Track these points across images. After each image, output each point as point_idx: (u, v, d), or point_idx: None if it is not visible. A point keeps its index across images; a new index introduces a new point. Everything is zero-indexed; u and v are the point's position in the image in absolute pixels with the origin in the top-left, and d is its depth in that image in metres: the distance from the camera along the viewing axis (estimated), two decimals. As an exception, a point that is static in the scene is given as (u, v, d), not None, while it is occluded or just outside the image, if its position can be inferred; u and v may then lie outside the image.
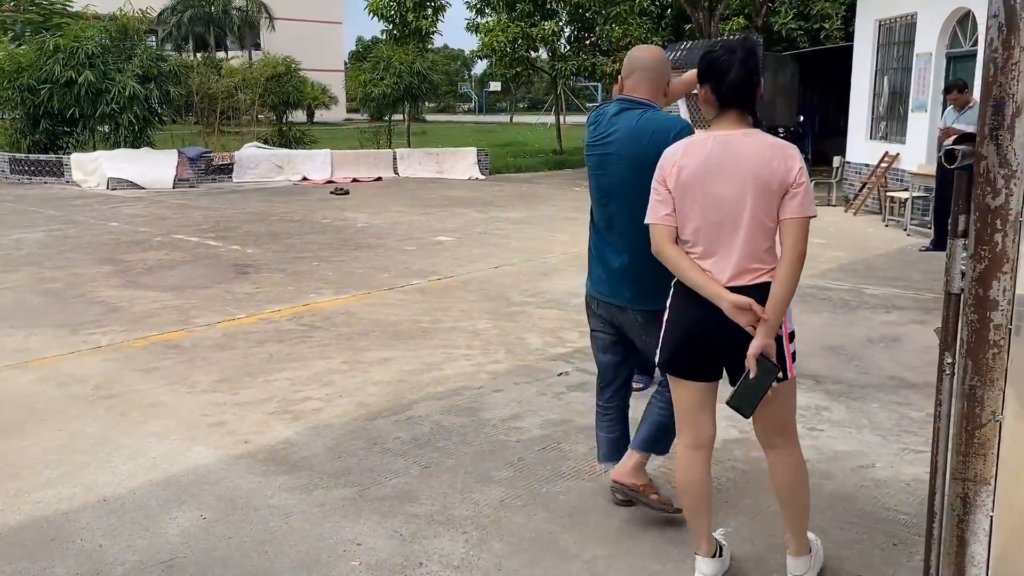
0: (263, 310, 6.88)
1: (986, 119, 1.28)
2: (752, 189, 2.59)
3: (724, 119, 2.69)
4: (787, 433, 2.88)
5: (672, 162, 2.70)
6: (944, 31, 11.64)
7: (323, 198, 15.05)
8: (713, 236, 2.66)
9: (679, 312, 2.77)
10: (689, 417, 2.86)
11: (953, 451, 1.36)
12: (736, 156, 2.62)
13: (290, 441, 4.22)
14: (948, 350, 1.41)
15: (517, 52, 21.65)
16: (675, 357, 2.81)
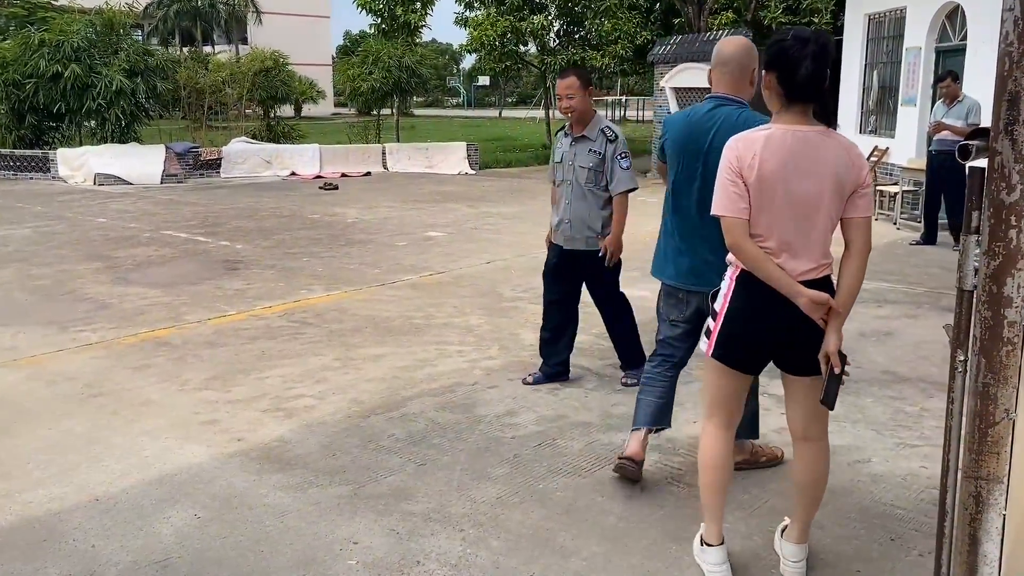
0: (254, 307, 6.83)
1: (1001, 114, 1.27)
2: (830, 188, 2.63)
3: (791, 112, 2.66)
4: (823, 424, 2.93)
5: (752, 153, 2.64)
6: (933, 25, 11.67)
7: (312, 193, 14.98)
8: (787, 231, 2.67)
9: (741, 305, 2.77)
10: (727, 403, 2.94)
11: (965, 449, 1.35)
12: (818, 155, 2.63)
13: (284, 439, 4.19)
14: (960, 347, 1.39)
15: (506, 46, 21.57)
16: (731, 349, 2.82)
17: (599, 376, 5.12)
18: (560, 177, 4.81)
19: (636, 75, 28.48)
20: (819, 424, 2.90)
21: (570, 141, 4.74)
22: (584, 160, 4.68)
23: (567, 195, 4.75)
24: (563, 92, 4.62)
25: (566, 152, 4.75)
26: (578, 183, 4.70)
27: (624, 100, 48.84)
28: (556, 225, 4.85)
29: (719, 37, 16.86)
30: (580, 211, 4.72)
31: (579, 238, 4.77)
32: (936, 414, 4.52)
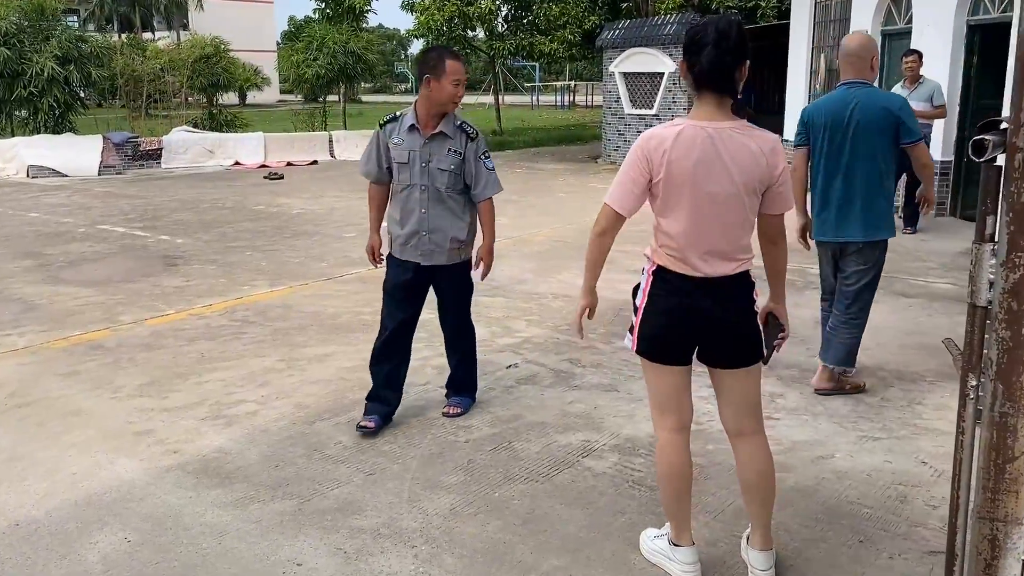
0: (194, 305, 6.53)
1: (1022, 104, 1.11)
2: (743, 187, 2.61)
3: (703, 103, 2.62)
4: (757, 417, 2.87)
5: (662, 151, 2.60)
6: (879, 8, 11.69)
7: (257, 183, 14.57)
8: (700, 230, 2.64)
9: (657, 300, 2.75)
10: (673, 401, 2.83)
11: (979, 487, 1.20)
12: (730, 153, 2.59)
13: (223, 449, 3.94)
14: (972, 371, 1.24)
15: (454, 31, 21.23)
16: (656, 343, 2.77)
17: (555, 373, 4.95)
18: (409, 181, 4.01)
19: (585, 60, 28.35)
20: (753, 418, 2.85)
21: (421, 139, 3.97)
22: (444, 161, 3.98)
23: (421, 202, 4.01)
24: (461, 77, 3.94)
25: (416, 151, 3.98)
26: (435, 188, 3.99)
27: (573, 85, 48.72)
28: (404, 238, 4.06)
29: (667, 21, 16.80)
30: (441, 221, 4.03)
31: (441, 251, 4.07)
32: (896, 404, 4.45)
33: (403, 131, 4.01)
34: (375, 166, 4.14)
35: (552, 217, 10.81)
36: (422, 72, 3.92)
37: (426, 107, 3.96)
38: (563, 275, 7.47)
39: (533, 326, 5.89)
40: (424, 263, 4.08)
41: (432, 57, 3.94)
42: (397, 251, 4.13)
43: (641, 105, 17.12)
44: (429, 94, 3.92)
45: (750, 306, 2.76)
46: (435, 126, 3.97)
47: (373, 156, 4.14)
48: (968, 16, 10.07)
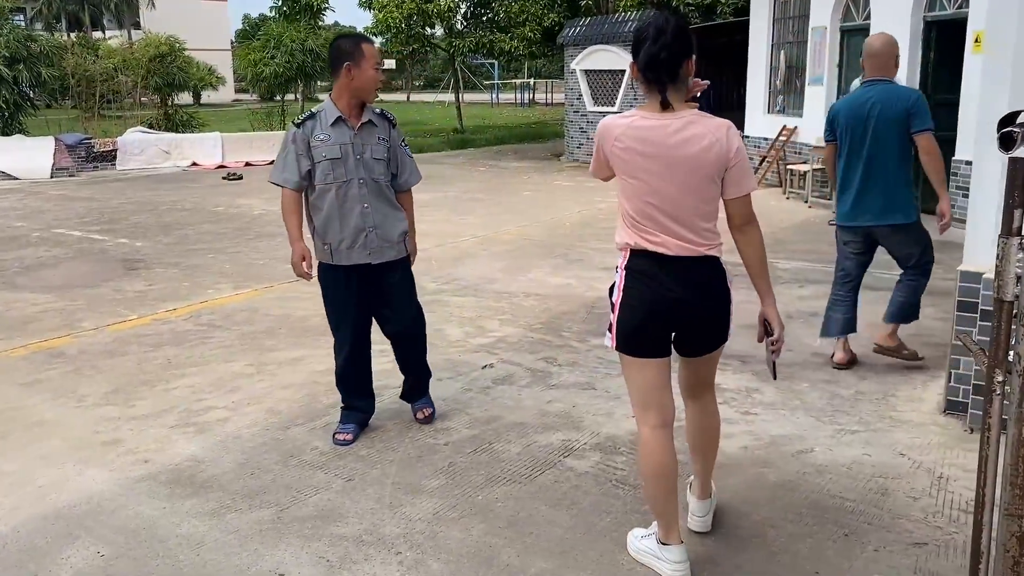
0: (157, 309, 6.38)
1: None
2: (697, 175, 2.67)
3: (650, 97, 2.71)
4: (710, 386, 3.07)
5: (613, 138, 2.73)
6: (838, 5, 11.82)
7: (215, 184, 14.34)
8: (662, 216, 2.71)
9: (632, 292, 2.77)
10: (653, 397, 2.84)
11: (1007, 483, 1.19)
12: (676, 143, 2.65)
13: (196, 458, 3.84)
14: (999, 367, 1.23)
15: (412, 28, 21.12)
16: (632, 339, 2.79)
17: (531, 372, 4.91)
18: (345, 176, 3.76)
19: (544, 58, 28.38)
20: (704, 385, 3.04)
21: (350, 131, 3.76)
22: (377, 151, 3.81)
23: (361, 197, 3.79)
24: (380, 60, 3.80)
25: (347, 144, 3.75)
26: (373, 180, 3.80)
27: (532, 83, 48.73)
28: (349, 240, 3.82)
29: (627, 19, 16.85)
30: (384, 214, 3.85)
31: (390, 246, 3.89)
32: (871, 397, 4.49)
33: (326, 127, 3.76)
34: (295, 172, 3.77)
35: (519, 215, 10.77)
36: (339, 61, 3.71)
37: (347, 97, 3.76)
38: (533, 273, 7.43)
39: (506, 325, 5.84)
40: (375, 262, 3.87)
41: (347, 44, 3.75)
42: (342, 258, 3.84)
43: (603, 103, 17.16)
44: (350, 83, 3.72)
45: (722, 293, 2.81)
46: (360, 116, 3.80)
47: (292, 160, 3.77)
48: (925, 12, 10.23)
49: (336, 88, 3.78)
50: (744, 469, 3.67)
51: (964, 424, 4.05)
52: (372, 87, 3.77)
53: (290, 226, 3.88)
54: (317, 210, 3.84)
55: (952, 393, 4.20)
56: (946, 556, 2.99)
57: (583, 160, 17.50)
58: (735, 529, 3.18)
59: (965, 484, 3.49)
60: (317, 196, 3.82)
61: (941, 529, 3.16)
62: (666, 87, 2.64)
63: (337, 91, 3.78)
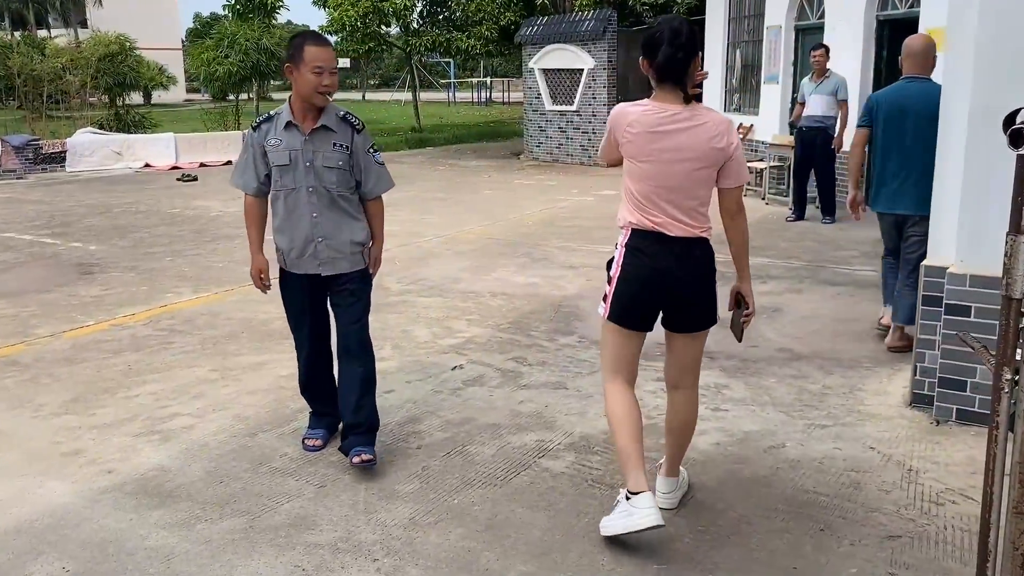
0: (115, 315, 6.23)
1: None
2: (699, 161, 2.93)
3: (662, 92, 2.97)
4: (695, 375, 3.26)
5: (626, 124, 2.98)
6: (792, 4, 11.99)
7: (170, 186, 14.07)
8: (666, 194, 2.95)
9: (632, 270, 3.01)
10: (625, 364, 3.15)
11: (1015, 481, 1.19)
12: (683, 132, 2.92)
13: (162, 467, 3.74)
14: (1007, 364, 1.23)
15: (368, 27, 20.94)
16: (625, 311, 3.05)
17: (501, 372, 4.88)
18: (293, 184, 3.58)
19: (501, 56, 28.37)
20: (691, 375, 3.24)
21: (301, 136, 3.55)
22: (330, 158, 3.56)
23: (310, 206, 3.58)
24: (324, 64, 3.47)
25: (297, 151, 3.55)
26: (325, 189, 3.58)
27: (489, 82, 48.68)
28: (298, 249, 3.63)
29: (584, 18, 16.88)
30: (335, 224, 3.61)
31: (341, 257, 3.65)
32: (838, 391, 4.54)
33: (279, 130, 3.57)
34: (252, 176, 3.66)
35: (481, 215, 10.73)
36: (285, 63, 3.56)
37: (299, 101, 3.55)
38: (498, 272, 7.40)
39: (474, 326, 5.80)
40: (325, 273, 3.66)
41: (293, 44, 3.54)
42: (292, 265, 3.70)
43: (562, 101, 17.19)
44: (295, 86, 3.52)
45: (711, 275, 3.08)
46: (315, 120, 3.55)
47: (250, 164, 3.66)
48: (877, 11, 10.40)
49: (292, 91, 3.60)
50: (718, 465, 3.69)
51: (930, 417, 4.11)
52: (312, 92, 3.47)
53: (249, 234, 3.77)
54: (273, 216, 3.70)
55: (918, 386, 4.27)
56: (919, 548, 3.02)
57: (543, 159, 17.52)
58: (712, 526, 3.18)
59: (934, 476, 3.55)
60: (271, 201, 3.69)
61: (913, 521, 3.20)
62: (681, 82, 2.93)
63: (292, 94, 3.60)
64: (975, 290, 3.86)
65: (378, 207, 3.79)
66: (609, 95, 16.15)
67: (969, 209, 3.88)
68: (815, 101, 9.53)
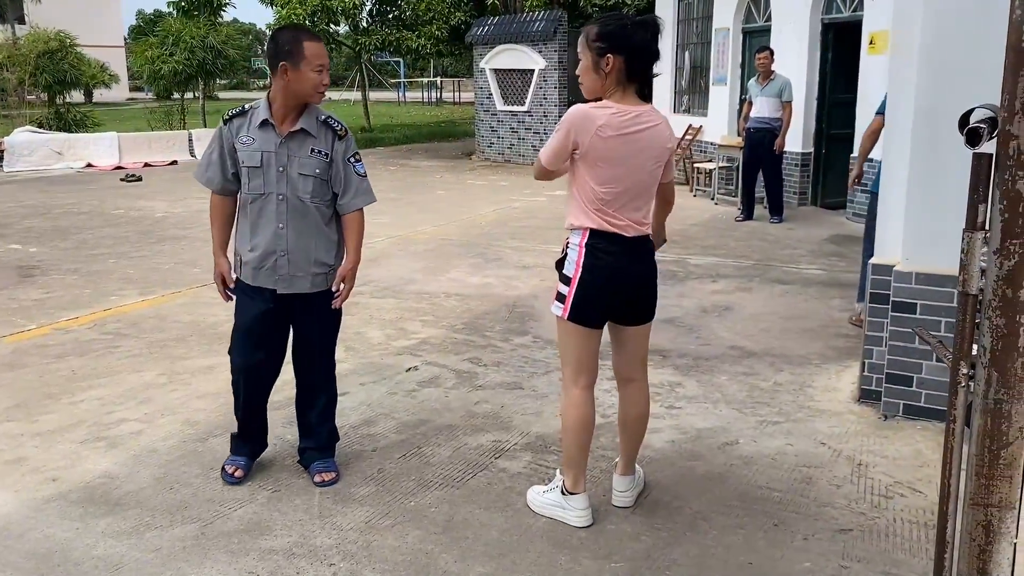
0: (57, 318, 6.06)
1: (1017, 92, 1.12)
2: (660, 160, 3.01)
3: (628, 93, 2.94)
4: (645, 366, 3.29)
5: (595, 127, 2.88)
6: (740, 6, 12.16)
7: (113, 186, 13.75)
8: (631, 196, 2.99)
9: (592, 269, 2.99)
10: (586, 362, 3.13)
11: (972, 473, 1.21)
12: (653, 132, 2.96)
13: (109, 474, 3.65)
14: (964, 359, 1.25)
15: (317, 25, 20.74)
16: (585, 310, 3.04)
17: (457, 373, 4.86)
18: (263, 189, 3.30)
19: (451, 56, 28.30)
20: (643, 366, 3.28)
21: (277, 138, 3.28)
22: (306, 165, 3.29)
23: (278, 215, 3.31)
24: (324, 61, 3.26)
25: (271, 153, 3.28)
26: (297, 198, 3.30)
27: (440, 82, 48.53)
28: (257, 259, 3.34)
29: (535, 18, 16.93)
30: (302, 238, 3.33)
31: (303, 276, 3.36)
32: (788, 388, 4.61)
33: (253, 128, 3.29)
34: (218, 172, 3.38)
35: (434, 215, 10.69)
36: (276, 59, 3.23)
37: (283, 100, 3.27)
38: (452, 273, 7.37)
39: (429, 327, 5.77)
40: (281, 290, 3.36)
41: (286, 40, 3.24)
42: (248, 276, 3.39)
43: (513, 102, 17.21)
44: (286, 85, 3.23)
45: (655, 267, 3.16)
46: (294, 122, 3.28)
47: (216, 160, 3.38)
48: (822, 15, 10.61)
49: (273, 87, 3.30)
50: (673, 463, 3.72)
51: (878, 412, 4.20)
52: (312, 92, 3.25)
53: (213, 234, 3.48)
54: (240, 218, 3.43)
55: (866, 382, 4.35)
56: (870, 540, 3.08)
57: (494, 159, 17.52)
58: (668, 524, 3.21)
59: (883, 470, 3.62)
60: (241, 204, 3.41)
61: (864, 515, 3.26)
62: (649, 82, 2.96)
63: (273, 91, 3.30)
64: (921, 287, 3.95)
65: (355, 222, 3.43)
66: (560, 96, 16.21)
67: (914, 208, 3.97)
68: (762, 103, 9.68)
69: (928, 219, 3.87)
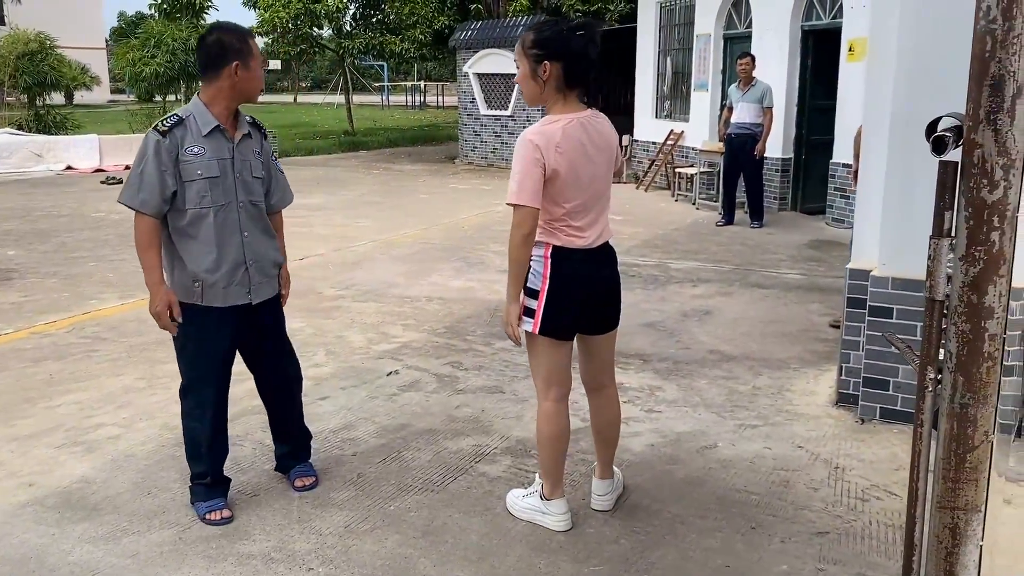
0: (35, 322, 6.01)
1: (981, 101, 1.14)
2: (609, 165, 3.03)
3: (570, 99, 2.92)
4: (612, 373, 3.31)
5: (555, 145, 2.84)
6: (720, 13, 12.24)
7: (94, 188, 13.64)
8: (591, 207, 2.98)
9: (561, 281, 2.97)
10: (559, 374, 3.12)
11: (939, 477, 1.23)
12: (600, 134, 2.97)
13: (86, 479, 3.62)
14: (931, 364, 1.27)
15: (300, 28, 20.70)
16: (556, 323, 3.01)
17: (438, 378, 4.86)
18: (224, 199, 3.12)
19: (435, 60, 28.29)
20: (611, 372, 3.29)
21: (228, 144, 3.14)
22: (256, 168, 3.23)
23: (241, 225, 3.18)
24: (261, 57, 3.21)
25: (226, 160, 3.13)
26: (251, 203, 3.21)
27: (423, 86, 48.51)
28: (226, 277, 3.16)
29: (518, 23, 16.98)
30: (262, 243, 3.26)
31: (267, 281, 3.30)
32: (767, 392, 4.64)
33: (198, 137, 3.07)
34: (156, 192, 3.02)
35: (417, 219, 10.68)
36: (224, 59, 3.06)
37: (228, 102, 3.12)
38: (434, 277, 7.37)
39: (410, 331, 5.77)
40: (256, 300, 3.25)
41: (233, 38, 3.10)
42: (217, 298, 3.16)
43: (496, 106, 17.24)
44: (235, 84, 3.08)
45: (618, 272, 3.18)
46: (235, 125, 3.18)
47: (152, 179, 3.01)
48: (803, 22, 10.70)
49: (212, 90, 3.10)
50: (652, 466, 3.74)
51: (855, 415, 4.24)
52: (258, 90, 3.20)
53: (150, 263, 3.07)
54: (187, 239, 3.11)
55: (843, 386, 4.39)
56: (847, 543, 3.11)
57: (477, 163, 17.53)
58: (647, 527, 3.22)
59: (860, 473, 3.65)
60: (189, 223, 3.10)
61: (841, 518, 3.29)
62: (586, 88, 2.93)
63: (212, 93, 3.10)
64: (897, 292, 3.99)
65: (281, 219, 3.44)
66: (543, 100, 16.22)
67: (891, 214, 4.01)
68: (742, 109, 9.75)
69: (904, 225, 3.91)
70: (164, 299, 3.10)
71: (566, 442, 3.20)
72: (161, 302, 3.10)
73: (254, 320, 3.30)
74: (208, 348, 3.23)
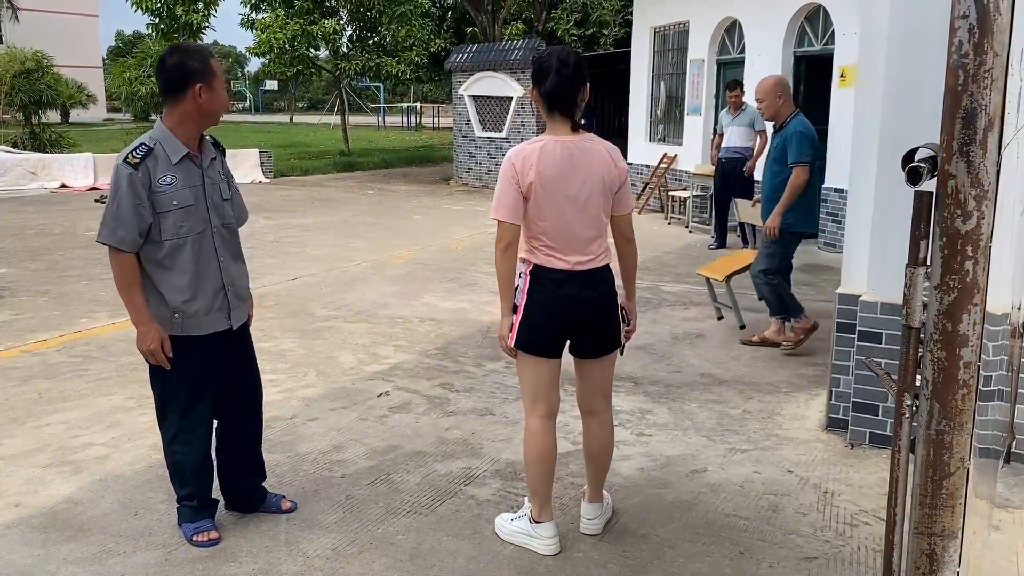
0: (25, 340, 5.99)
1: (954, 133, 1.16)
2: (598, 189, 3.02)
3: (553, 122, 3.04)
4: (607, 398, 3.31)
5: (530, 165, 2.95)
6: (714, 39, 12.36)
7: (87, 207, 13.64)
8: (567, 230, 3.00)
9: (540, 297, 3.03)
10: (544, 392, 3.14)
11: (916, 503, 1.24)
12: (584, 160, 2.99)
13: (73, 499, 3.61)
14: (908, 391, 1.28)
15: (297, 50, 20.82)
16: (534, 338, 3.06)
17: (428, 399, 4.85)
18: (200, 226, 3.09)
19: (431, 82, 28.51)
20: (604, 399, 3.29)
21: (198, 169, 3.10)
22: (224, 190, 3.20)
23: (216, 250, 3.15)
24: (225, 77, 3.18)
25: (198, 186, 3.09)
26: (223, 226, 3.18)
27: (419, 107, 48.73)
28: (206, 304, 3.12)
29: (513, 47, 17.10)
30: (235, 265, 3.25)
31: (242, 304, 3.29)
32: (757, 416, 4.65)
33: (169, 166, 3.01)
34: (133, 228, 2.97)
35: (409, 239, 10.71)
36: (186, 82, 2.99)
37: (195, 125, 3.07)
38: (426, 298, 7.38)
39: (401, 352, 5.77)
40: (236, 324, 3.24)
41: (195, 60, 3.02)
42: (195, 327, 3.12)
43: (491, 128, 17.32)
44: (200, 106, 3.02)
45: (613, 298, 3.16)
46: (200, 148, 3.12)
47: (128, 214, 2.95)
48: (795, 48, 10.81)
49: (176, 114, 3.03)
50: (642, 490, 3.73)
51: (845, 440, 4.24)
52: (222, 111, 3.14)
53: (136, 301, 3.04)
54: (164, 270, 3.05)
55: (833, 411, 4.40)
56: (835, 569, 3.11)
57: (472, 184, 17.59)
58: (635, 551, 3.22)
59: (849, 498, 3.66)
60: (167, 254, 3.03)
61: (829, 543, 3.28)
62: (570, 110, 3.00)
63: (178, 118, 3.04)
64: (886, 317, 4.01)
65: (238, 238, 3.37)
66: (538, 123, 16.33)
67: (879, 240, 4.04)
68: (733, 133, 9.84)
69: (892, 250, 3.93)
70: (156, 336, 3.06)
71: (551, 462, 3.19)
72: (154, 340, 3.06)
73: (230, 346, 3.25)
74: (190, 377, 3.18)
